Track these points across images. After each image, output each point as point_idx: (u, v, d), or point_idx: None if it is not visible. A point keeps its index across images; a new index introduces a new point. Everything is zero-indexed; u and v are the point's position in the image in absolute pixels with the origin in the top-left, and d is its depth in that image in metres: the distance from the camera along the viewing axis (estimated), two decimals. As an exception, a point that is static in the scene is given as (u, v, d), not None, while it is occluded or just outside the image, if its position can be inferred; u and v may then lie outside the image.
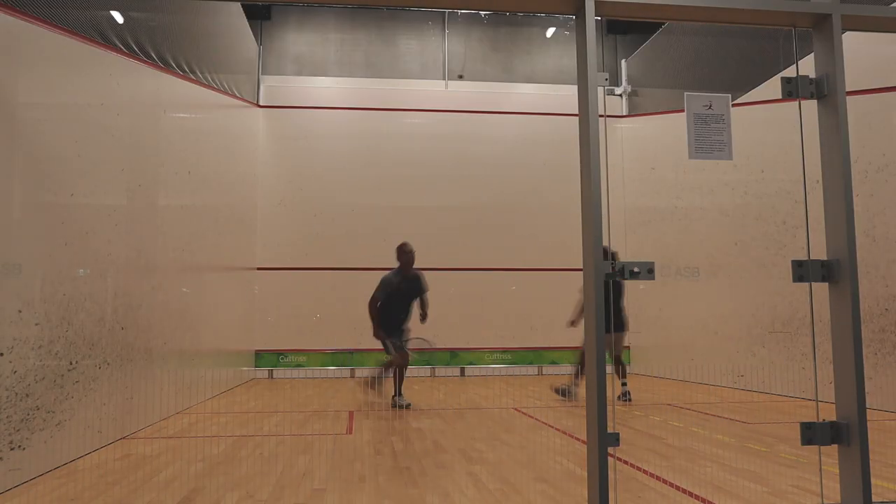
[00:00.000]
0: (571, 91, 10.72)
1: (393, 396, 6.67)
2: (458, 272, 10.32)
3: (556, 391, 7.20)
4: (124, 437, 4.94)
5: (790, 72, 2.81)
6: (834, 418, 2.66)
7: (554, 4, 2.70)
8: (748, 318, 8.04)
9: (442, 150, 10.54)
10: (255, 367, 9.82)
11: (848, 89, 2.72)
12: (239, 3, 8.48)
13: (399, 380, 6.68)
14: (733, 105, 2.83)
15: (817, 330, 3.17)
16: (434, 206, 10.48)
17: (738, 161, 8.14)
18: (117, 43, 5.28)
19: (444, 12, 11.30)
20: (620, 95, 11.08)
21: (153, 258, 5.69)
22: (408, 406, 6.53)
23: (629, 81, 11.08)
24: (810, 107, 2.83)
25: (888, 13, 2.83)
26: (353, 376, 9.73)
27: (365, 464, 4.07)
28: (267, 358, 9.88)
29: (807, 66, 2.79)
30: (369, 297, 6.66)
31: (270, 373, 9.86)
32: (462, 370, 10.17)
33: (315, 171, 10.32)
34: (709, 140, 2.75)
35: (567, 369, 10.19)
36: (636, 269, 2.50)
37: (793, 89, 2.78)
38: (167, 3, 6.78)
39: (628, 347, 6.67)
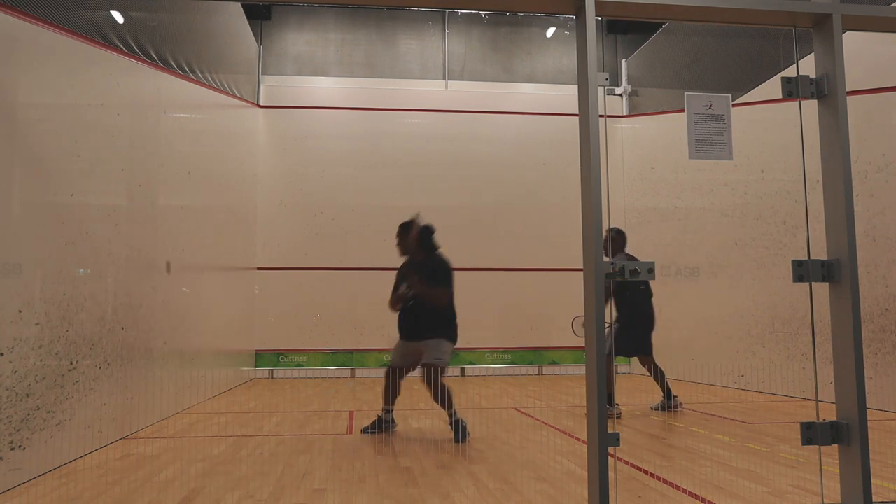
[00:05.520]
0: (571, 91, 10.71)
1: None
2: (457, 272, 10.30)
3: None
4: (124, 437, 4.94)
5: (790, 72, 2.81)
6: (834, 418, 2.66)
7: (554, 4, 2.70)
8: (748, 318, 8.04)
9: (442, 150, 10.53)
10: (255, 367, 9.81)
11: (848, 89, 2.72)
12: (239, 3, 8.48)
13: None
14: (733, 105, 2.83)
15: (817, 330, 3.17)
16: (434, 206, 10.42)
17: (738, 161, 8.14)
18: (117, 43, 5.28)
19: (444, 12, 11.29)
20: (620, 95, 11.08)
21: (153, 258, 5.69)
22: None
23: (629, 81, 11.08)
24: (810, 107, 2.83)
25: (888, 13, 2.83)
26: (353, 376, 9.73)
27: (365, 464, 4.07)
28: (267, 358, 9.88)
29: (807, 66, 2.79)
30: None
31: (270, 373, 9.86)
32: (462, 370, 10.17)
33: (315, 171, 10.31)
34: (709, 140, 2.75)
35: (568, 369, 10.21)
36: (636, 269, 2.50)
37: (793, 89, 2.78)
38: (167, 3, 6.78)
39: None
